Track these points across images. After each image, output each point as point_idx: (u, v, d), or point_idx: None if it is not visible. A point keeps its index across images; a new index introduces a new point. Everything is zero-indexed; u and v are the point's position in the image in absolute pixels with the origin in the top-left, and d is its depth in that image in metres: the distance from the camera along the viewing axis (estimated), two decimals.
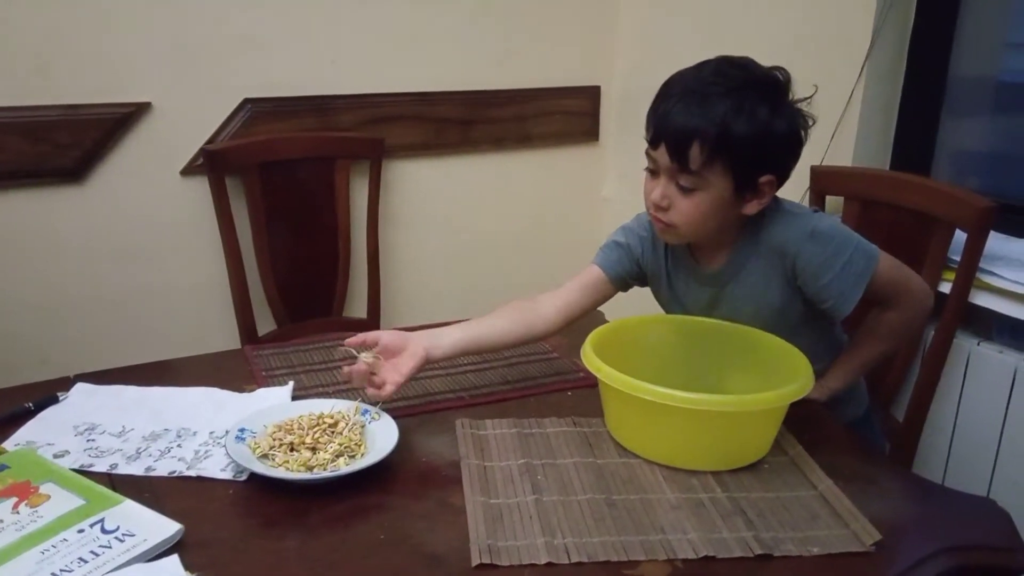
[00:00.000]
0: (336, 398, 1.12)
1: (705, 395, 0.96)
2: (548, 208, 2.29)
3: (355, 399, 1.11)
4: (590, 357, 1.04)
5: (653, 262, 1.26)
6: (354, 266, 2.03)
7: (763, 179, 1.09)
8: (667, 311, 1.29)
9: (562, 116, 2.23)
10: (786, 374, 1.04)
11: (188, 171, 1.82)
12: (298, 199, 1.92)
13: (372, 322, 2.05)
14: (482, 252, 2.22)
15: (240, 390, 1.18)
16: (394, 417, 1.07)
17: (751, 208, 1.11)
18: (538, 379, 1.26)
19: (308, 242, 1.96)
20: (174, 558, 0.80)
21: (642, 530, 0.90)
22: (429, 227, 2.14)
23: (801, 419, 1.08)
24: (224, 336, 1.87)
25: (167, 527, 0.86)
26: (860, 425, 1.31)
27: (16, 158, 1.63)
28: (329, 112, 1.95)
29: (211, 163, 1.79)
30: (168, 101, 1.77)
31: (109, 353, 1.74)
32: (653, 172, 1.13)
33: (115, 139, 1.73)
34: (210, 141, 1.83)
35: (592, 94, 2.26)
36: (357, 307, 2.06)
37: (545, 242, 2.31)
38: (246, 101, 1.85)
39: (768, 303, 1.17)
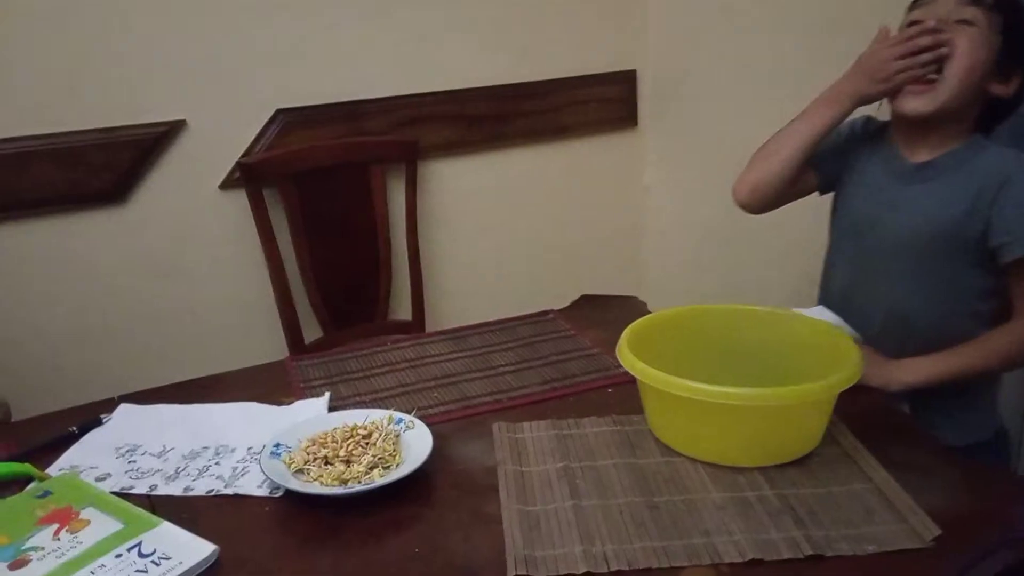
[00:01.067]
0: (373, 407, 1.11)
1: (745, 389, 0.92)
2: (588, 199, 2.25)
3: (389, 408, 1.10)
4: (625, 354, 1.01)
5: (853, 142, 1.27)
6: (396, 269, 2.02)
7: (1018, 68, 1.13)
8: (837, 214, 1.30)
9: (597, 104, 2.18)
10: (834, 362, 0.99)
11: (226, 185, 1.84)
12: (335, 206, 1.92)
13: (417, 324, 2.04)
14: (524, 246, 2.19)
15: (278, 403, 1.18)
16: (430, 424, 1.06)
17: (996, 89, 1.14)
18: (578, 377, 1.23)
19: (348, 248, 1.96)
20: None
21: (685, 533, 0.86)
22: (469, 225, 2.12)
23: (856, 407, 1.03)
24: (271, 347, 1.88)
25: (202, 549, 0.86)
26: (983, 451, 1.20)
27: (50, 185, 1.66)
28: (361, 117, 1.94)
29: (247, 176, 1.80)
30: (202, 117, 1.79)
31: (159, 372, 1.73)
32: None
33: (152, 159, 1.75)
34: (246, 154, 1.84)
35: (627, 79, 2.21)
36: (401, 310, 2.06)
37: (587, 233, 2.27)
38: (279, 112, 1.86)
39: (945, 221, 1.14)
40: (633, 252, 2.33)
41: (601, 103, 2.19)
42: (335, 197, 1.92)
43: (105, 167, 1.72)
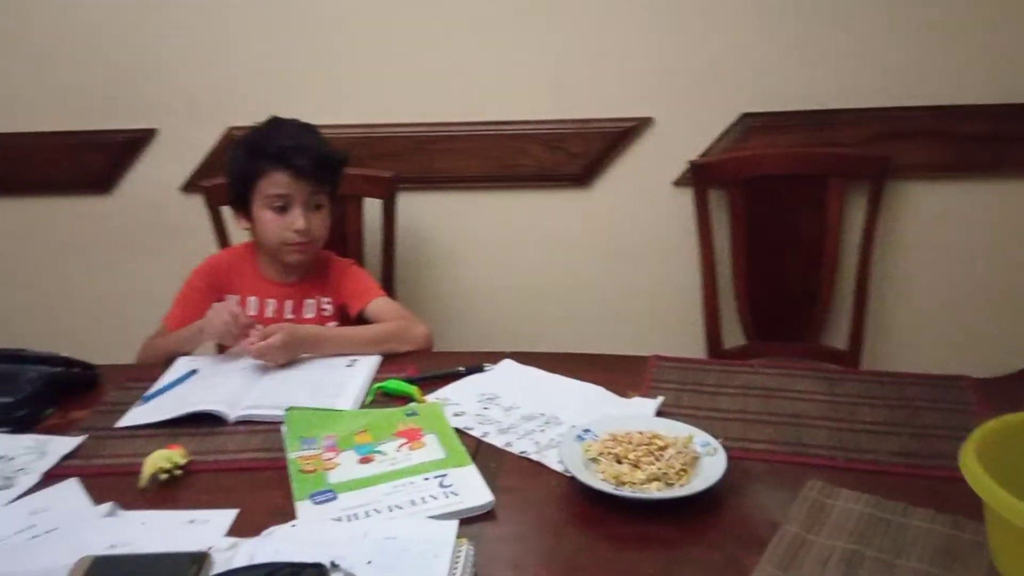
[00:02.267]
0: (700, 424, 1.10)
1: None
2: None
3: (712, 430, 1.07)
4: (970, 462, 0.82)
5: None
6: (838, 293, 1.89)
7: None
8: None
9: None
10: None
11: (680, 182, 1.92)
12: (783, 216, 1.87)
13: (852, 355, 1.88)
14: (996, 295, 1.83)
15: (623, 394, 1.24)
16: (745, 459, 1.02)
17: None
18: (943, 460, 1.03)
19: (788, 261, 1.89)
20: (453, 524, 0.90)
21: None
22: (935, 258, 1.86)
23: None
24: (690, 344, 1.93)
25: (482, 496, 0.98)
26: None
27: (537, 163, 1.93)
28: (829, 127, 1.83)
29: (697, 175, 1.86)
30: (668, 116, 1.89)
31: (578, 338, 1.96)
32: None
33: (618, 150, 1.92)
34: (703, 154, 1.89)
35: None
36: (836, 336, 1.91)
37: None
38: (743, 115, 1.86)
39: None
40: None
41: None
42: (784, 207, 1.86)
43: (580, 154, 1.94)
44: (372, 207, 1.90)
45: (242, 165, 1.51)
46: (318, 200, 1.51)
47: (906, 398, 1.19)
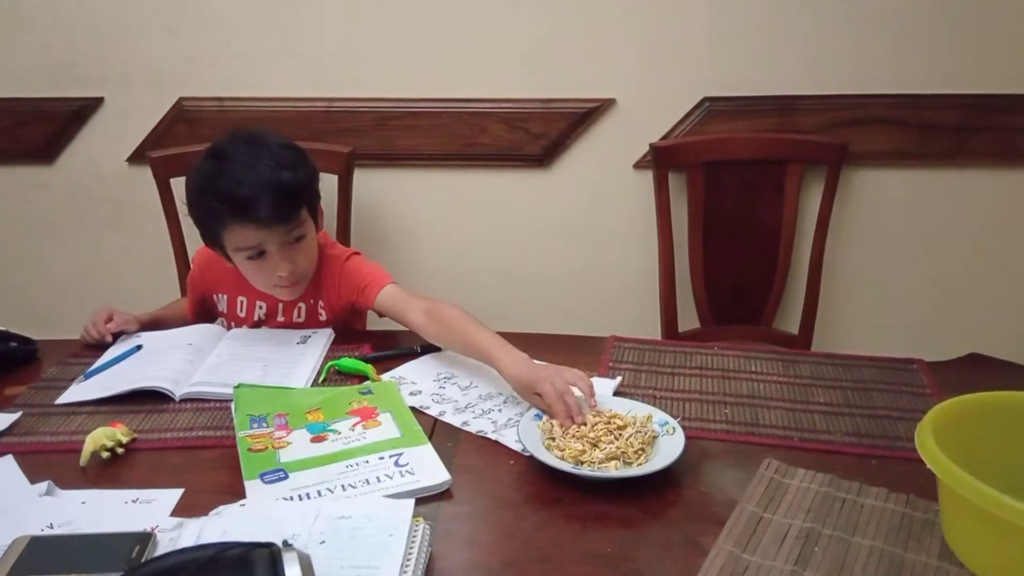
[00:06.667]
0: (657, 404, 1.09)
1: None
2: None
3: (669, 410, 1.07)
4: (926, 440, 0.82)
5: None
6: (792, 277, 1.90)
7: None
8: None
9: None
10: None
11: (640, 165, 1.91)
12: (740, 201, 1.87)
13: (803, 338, 1.90)
14: (944, 281, 1.87)
15: None
16: (702, 439, 1.03)
17: None
18: (898, 441, 1.04)
19: (745, 245, 1.89)
20: (409, 503, 0.88)
21: None
22: (888, 245, 1.88)
23: None
24: (646, 325, 1.93)
25: (439, 475, 0.96)
26: None
27: (496, 142, 1.91)
28: (792, 113, 1.84)
29: (657, 158, 1.85)
30: (631, 98, 1.87)
31: (535, 319, 1.95)
32: None
33: (580, 131, 1.90)
34: (664, 137, 1.88)
35: None
36: (788, 320, 1.93)
37: None
38: (705, 99, 1.86)
39: None
40: None
41: None
42: (743, 192, 1.86)
43: (541, 134, 1.91)
44: (329, 183, 1.86)
45: (200, 214, 1.30)
46: (297, 233, 1.30)
47: (860, 380, 1.20)
